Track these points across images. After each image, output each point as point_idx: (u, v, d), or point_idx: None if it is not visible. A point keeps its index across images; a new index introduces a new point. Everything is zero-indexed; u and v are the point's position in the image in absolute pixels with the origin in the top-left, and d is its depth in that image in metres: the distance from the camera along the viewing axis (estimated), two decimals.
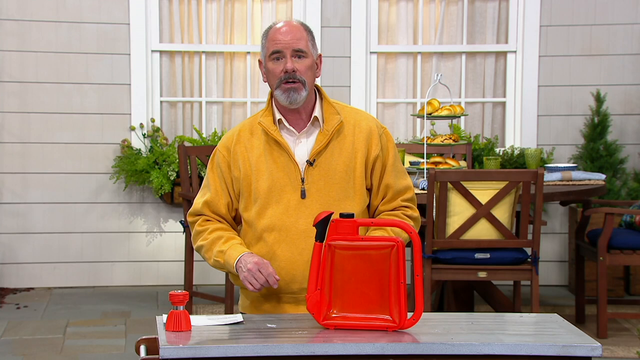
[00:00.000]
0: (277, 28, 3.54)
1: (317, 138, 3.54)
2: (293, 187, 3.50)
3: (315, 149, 3.52)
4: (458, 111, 6.41)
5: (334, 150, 3.53)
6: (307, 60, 3.52)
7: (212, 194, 3.58)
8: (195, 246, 3.63)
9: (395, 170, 3.58)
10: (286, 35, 3.51)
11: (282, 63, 3.51)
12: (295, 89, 3.49)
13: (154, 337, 3.16)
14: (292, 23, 3.55)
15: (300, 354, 2.97)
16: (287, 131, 3.56)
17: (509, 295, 6.85)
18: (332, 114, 3.56)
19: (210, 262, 3.56)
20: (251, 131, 3.58)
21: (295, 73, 3.49)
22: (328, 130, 3.53)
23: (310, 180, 3.51)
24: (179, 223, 7.44)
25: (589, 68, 7.80)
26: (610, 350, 6.05)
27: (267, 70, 3.58)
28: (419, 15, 7.86)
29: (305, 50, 3.52)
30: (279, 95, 3.52)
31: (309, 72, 3.53)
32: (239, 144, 3.57)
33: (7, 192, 7.57)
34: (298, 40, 3.51)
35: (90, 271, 7.67)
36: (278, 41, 3.51)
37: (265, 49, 3.57)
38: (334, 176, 3.51)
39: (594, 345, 3.02)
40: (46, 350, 6.03)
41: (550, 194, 6.23)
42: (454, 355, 3.01)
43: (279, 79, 3.51)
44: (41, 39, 7.51)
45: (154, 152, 7.52)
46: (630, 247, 6.32)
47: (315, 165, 3.51)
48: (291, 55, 3.50)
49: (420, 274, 3.21)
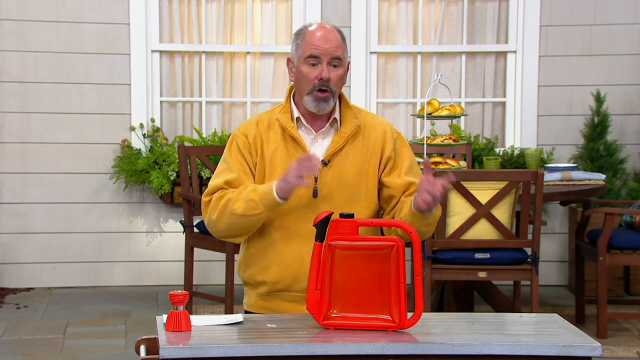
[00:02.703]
0: (314, 31, 3.50)
1: (334, 139, 3.54)
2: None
3: (330, 150, 3.52)
4: (458, 111, 6.41)
5: (349, 152, 3.53)
6: (340, 70, 3.52)
7: (236, 176, 3.52)
8: (216, 213, 3.48)
9: (412, 172, 3.58)
10: (326, 41, 3.48)
11: (318, 69, 3.48)
12: (325, 98, 3.49)
13: (154, 337, 3.16)
14: (329, 28, 3.52)
15: (300, 354, 2.98)
16: (305, 129, 3.56)
17: (509, 295, 6.85)
18: (350, 117, 3.57)
19: (238, 211, 3.43)
20: (269, 125, 3.56)
21: (329, 82, 3.48)
22: (345, 133, 3.54)
23: (323, 180, 3.50)
24: (179, 223, 7.44)
25: (589, 68, 7.80)
26: (610, 350, 6.05)
27: (299, 72, 3.52)
28: (419, 15, 7.86)
29: (342, 59, 3.51)
30: (309, 102, 3.50)
31: (340, 82, 3.53)
32: (257, 134, 3.55)
33: (7, 192, 7.57)
34: (337, 48, 3.49)
35: (90, 271, 7.67)
36: (317, 46, 3.48)
37: (300, 50, 3.51)
38: (346, 178, 3.52)
39: (594, 345, 3.02)
40: (46, 350, 6.03)
41: (550, 194, 6.23)
42: (454, 355, 3.01)
43: (313, 85, 3.49)
44: (41, 39, 7.51)
45: (154, 152, 7.52)
46: (630, 247, 6.32)
47: (329, 166, 3.51)
48: (328, 63, 3.48)
49: (420, 274, 3.21)
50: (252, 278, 3.59)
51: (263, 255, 3.54)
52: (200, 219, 6.97)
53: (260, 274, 3.55)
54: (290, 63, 3.58)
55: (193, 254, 6.90)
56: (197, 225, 6.86)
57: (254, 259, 3.58)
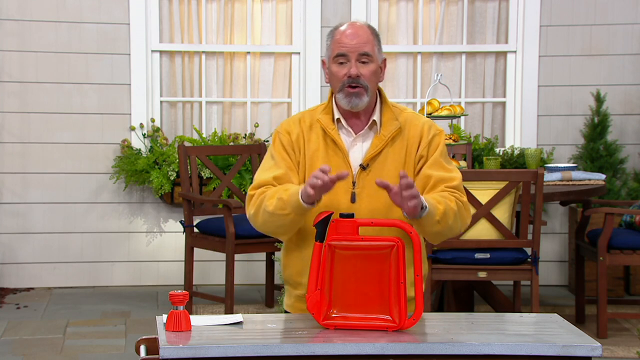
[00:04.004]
0: (343, 30, 3.48)
1: (373, 142, 3.49)
2: (344, 190, 3.44)
3: (369, 154, 3.47)
4: (458, 111, 6.41)
5: (388, 155, 3.48)
6: (372, 65, 3.47)
7: (284, 172, 3.49)
8: (254, 208, 3.44)
9: (438, 164, 3.48)
10: (352, 38, 3.45)
11: (347, 67, 3.45)
12: (357, 94, 3.45)
13: (154, 337, 3.16)
14: (359, 25, 3.50)
15: (300, 354, 2.98)
16: (345, 131, 3.52)
17: (509, 295, 6.85)
18: (390, 119, 3.51)
19: (269, 208, 3.38)
20: (310, 124, 3.53)
21: (359, 78, 3.44)
22: (385, 136, 3.49)
23: (361, 184, 3.45)
24: (179, 223, 7.44)
25: (589, 68, 7.80)
26: (610, 350, 6.05)
27: (330, 72, 3.51)
28: (419, 15, 7.86)
29: (371, 54, 3.46)
30: (341, 99, 3.47)
31: (373, 77, 3.47)
32: (299, 133, 3.52)
33: (7, 192, 7.57)
34: (364, 44, 3.45)
35: (90, 271, 7.67)
36: (344, 44, 3.45)
37: (330, 50, 3.50)
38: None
39: (594, 345, 3.02)
40: (46, 350, 6.03)
41: (550, 194, 6.23)
42: (454, 355, 3.01)
43: (342, 83, 3.46)
44: (41, 39, 7.51)
45: (154, 152, 7.52)
46: (630, 247, 6.32)
47: (368, 170, 3.47)
48: (356, 60, 3.45)
49: (420, 274, 3.21)
50: (292, 278, 3.54)
51: (301, 258, 3.49)
52: (200, 218, 6.97)
53: (299, 275, 3.51)
54: (325, 64, 3.55)
55: (193, 254, 6.90)
56: (197, 225, 6.87)
57: (293, 260, 3.53)
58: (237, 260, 7.01)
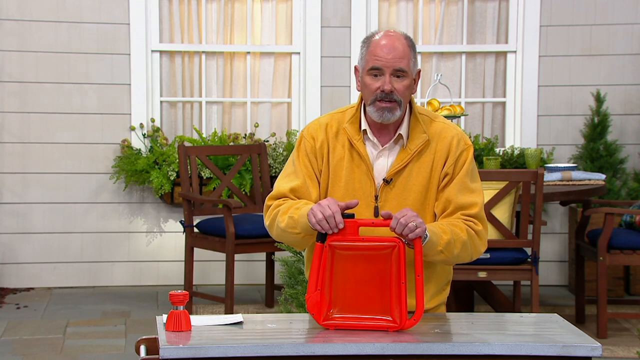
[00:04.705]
0: (378, 40, 3.36)
1: (399, 156, 3.40)
2: (366, 203, 3.39)
3: (394, 168, 3.38)
4: (458, 111, 6.41)
5: (413, 170, 3.40)
6: (406, 81, 3.35)
7: (301, 183, 3.42)
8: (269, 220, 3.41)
9: (462, 185, 3.38)
10: (389, 52, 3.32)
11: (380, 80, 3.34)
12: (390, 109, 3.35)
13: (154, 337, 3.16)
14: (395, 37, 3.35)
15: (300, 354, 2.98)
16: (371, 143, 3.43)
17: (509, 295, 6.85)
18: (419, 132, 3.41)
19: (281, 225, 3.35)
20: (337, 131, 3.44)
21: (392, 93, 3.34)
22: (411, 149, 3.39)
23: (384, 198, 3.39)
24: (179, 223, 7.44)
25: (589, 68, 7.80)
26: (610, 350, 6.05)
27: (363, 82, 3.40)
28: (419, 15, 7.86)
29: (407, 70, 3.34)
30: (372, 112, 3.37)
31: (407, 92, 3.36)
32: (324, 140, 3.44)
33: (7, 192, 7.57)
34: (401, 59, 3.33)
35: (90, 271, 7.67)
36: (379, 57, 3.33)
37: (364, 61, 3.38)
38: (408, 197, 3.39)
39: (593, 345, 3.02)
40: (46, 350, 6.03)
41: (550, 194, 6.23)
42: (454, 355, 3.01)
43: (374, 96, 3.35)
44: (41, 39, 7.51)
45: (154, 152, 7.52)
46: (630, 247, 6.32)
47: (392, 185, 3.39)
48: (390, 74, 3.34)
49: (420, 274, 3.21)
50: None
51: None
52: (200, 218, 6.98)
53: None
54: (357, 72, 3.44)
55: (193, 254, 6.90)
56: (197, 225, 6.87)
57: None
58: (237, 260, 7.01)
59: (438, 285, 3.49)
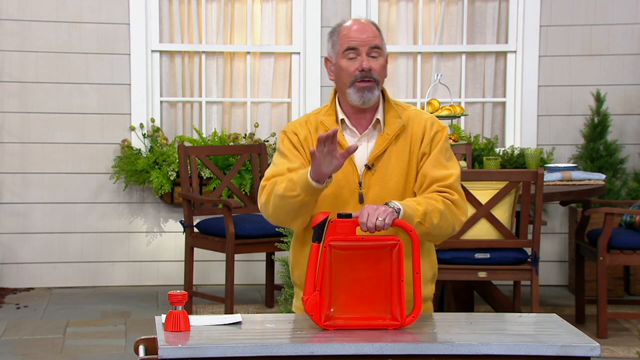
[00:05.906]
0: (349, 26, 3.47)
1: (377, 141, 3.48)
2: (350, 191, 3.45)
3: (374, 153, 3.46)
4: (458, 111, 6.41)
5: (392, 154, 3.47)
6: (381, 59, 3.48)
7: (298, 165, 3.45)
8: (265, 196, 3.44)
9: (436, 161, 3.45)
10: (362, 32, 3.45)
11: (358, 61, 3.44)
12: (369, 88, 3.44)
13: (153, 337, 3.16)
14: (364, 21, 3.50)
15: (300, 354, 2.98)
16: (349, 132, 3.51)
17: (509, 295, 6.84)
18: (394, 117, 3.50)
19: (279, 191, 3.37)
20: (316, 126, 3.51)
21: (371, 72, 3.43)
22: (388, 134, 3.47)
23: (367, 184, 3.45)
24: (179, 223, 7.44)
25: (589, 68, 7.80)
26: (610, 350, 6.05)
27: (338, 68, 3.48)
28: (419, 15, 7.86)
29: (381, 48, 3.48)
30: (352, 94, 3.45)
31: (383, 71, 3.48)
32: (307, 134, 3.50)
33: (7, 192, 7.57)
34: (374, 37, 3.46)
35: (90, 271, 7.67)
36: (353, 38, 3.45)
37: (337, 46, 3.47)
38: (389, 181, 3.45)
39: (592, 345, 3.02)
40: (46, 350, 6.03)
41: (550, 194, 6.23)
42: (454, 355, 3.01)
43: (353, 77, 3.44)
44: (41, 39, 7.51)
45: (154, 152, 7.52)
46: (630, 247, 6.32)
47: (373, 170, 3.46)
48: (367, 53, 3.44)
49: (419, 271, 3.21)
50: (300, 279, 3.53)
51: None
52: (200, 218, 6.97)
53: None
54: (328, 62, 3.52)
55: (193, 254, 6.90)
56: (197, 225, 6.87)
57: (302, 261, 3.50)
58: (237, 260, 7.01)
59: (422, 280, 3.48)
